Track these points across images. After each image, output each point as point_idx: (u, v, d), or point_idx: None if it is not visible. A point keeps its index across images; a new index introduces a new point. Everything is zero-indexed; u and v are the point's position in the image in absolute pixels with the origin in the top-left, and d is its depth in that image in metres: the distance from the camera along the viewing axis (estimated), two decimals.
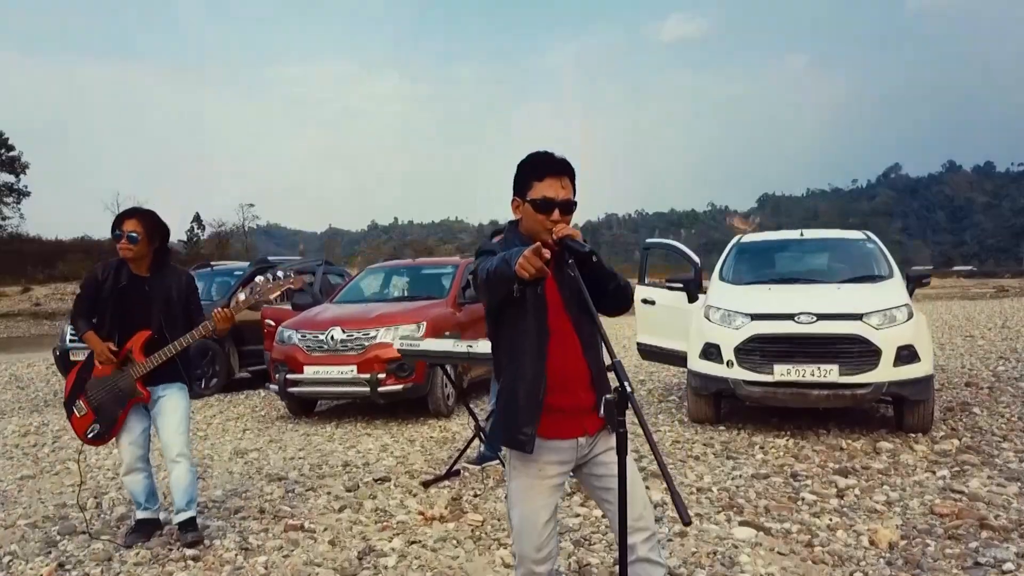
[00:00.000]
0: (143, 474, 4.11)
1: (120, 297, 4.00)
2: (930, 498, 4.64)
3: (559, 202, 2.40)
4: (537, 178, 2.44)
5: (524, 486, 2.53)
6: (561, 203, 2.41)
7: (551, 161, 2.47)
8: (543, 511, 2.50)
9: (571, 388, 2.46)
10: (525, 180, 2.46)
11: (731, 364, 6.39)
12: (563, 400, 2.47)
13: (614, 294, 2.49)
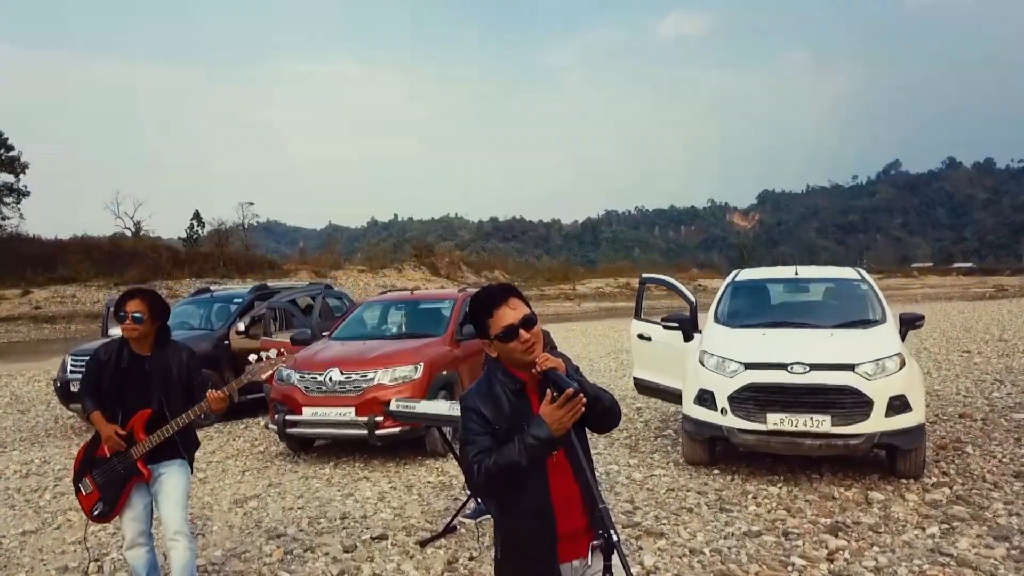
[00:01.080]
0: (145, 548, 4.18)
1: (122, 377, 4.07)
2: (919, 563, 4.71)
3: (518, 324, 2.46)
4: (489, 315, 2.50)
5: None
6: (521, 323, 2.46)
7: (492, 293, 2.55)
8: None
9: (567, 514, 2.51)
10: (482, 322, 2.52)
11: (725, 412, 6.47)
12: (561, 526, 2.53)
13: (601, 416, 2.55)
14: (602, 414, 2.53)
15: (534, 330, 2.48)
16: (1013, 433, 8.13)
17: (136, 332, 4.01)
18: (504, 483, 2.38)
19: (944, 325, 23.88)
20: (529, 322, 2.48)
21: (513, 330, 2.45)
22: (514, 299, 2.52)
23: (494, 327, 2.48)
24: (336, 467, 7.48)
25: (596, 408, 2.49)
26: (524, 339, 2.45)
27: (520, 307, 2.51)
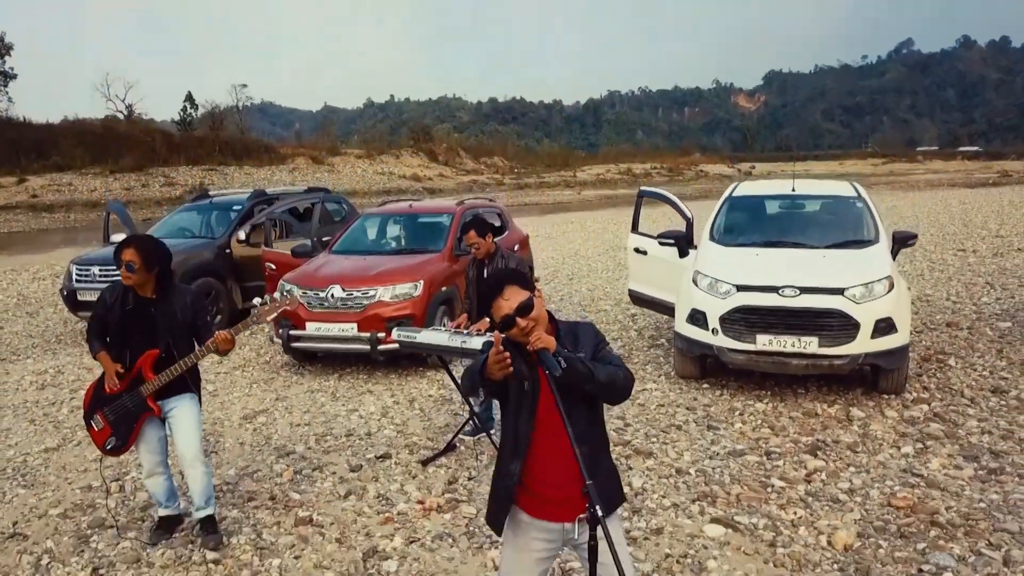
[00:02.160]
0: (163, 477, 4.45)
1: (128, 320, 4.21)
2: (891, 483, 5.02)
3: (512, 315, 2.60)
4: (489, 308, 2.68)
5: (511, 556, 2.86)
6: (515, 312, 2.59)
7: (491, 287, 2.69)
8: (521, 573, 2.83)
9: (559, 478, 2.71)
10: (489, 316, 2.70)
11: (716, 332, 6.67)
12: (551, 489, 2.74)
13: (598, 392, 2.66)
14: (596, 391, 2.64)
15: (532, 315, 2.61)
16: (996, 344, 8.38)
17: (131, 280, 4.13)
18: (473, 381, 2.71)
19: (943, 218, 23.94)
20: (522, 310, 2.60)
21: (509, 321, 2.59)
22: (509, 289, 2.64)
23: (495, 317, 2.64)
24: (340, 379, 7.76)
25: (587, 386, 2.60)
26: (520, 326, 2.59)
27: (515, 296, 2.62)
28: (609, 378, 2.63)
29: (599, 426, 2.82)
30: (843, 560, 4.11)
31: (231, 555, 4.27)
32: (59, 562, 4.25)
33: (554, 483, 2.72)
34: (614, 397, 2.73)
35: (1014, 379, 7.15)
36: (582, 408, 2.70)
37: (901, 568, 4.02)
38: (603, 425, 2.84)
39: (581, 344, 2.74)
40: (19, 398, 7.46)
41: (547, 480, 2.74)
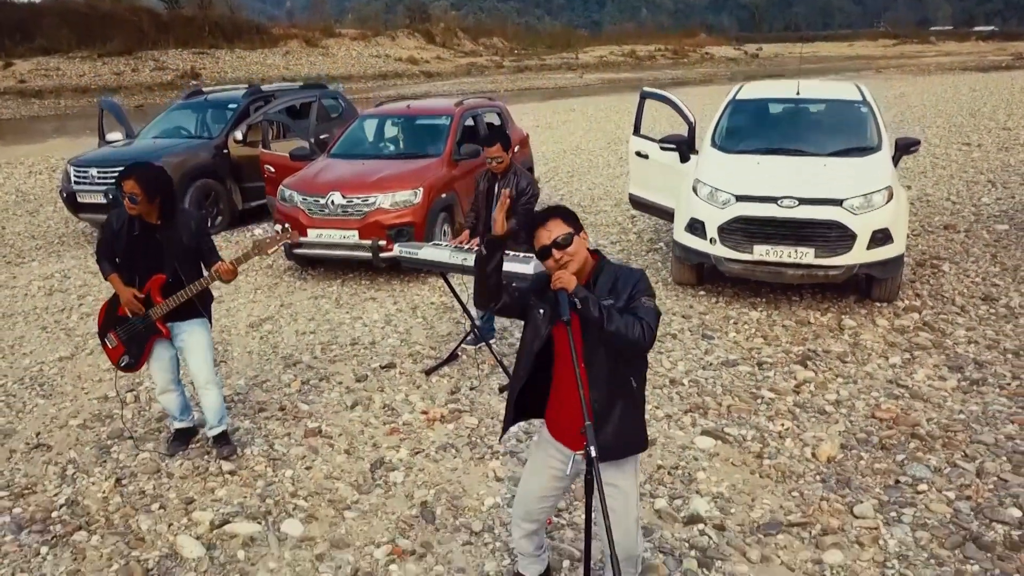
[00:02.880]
0: (175, 393, 4.63)
1: (135, 245, 4.27)
2: (876, 395, 5.22)
3: (548, 246, 2.72)
4: (533, 238, 2.79)
5: (533, 464, 3.12)
6: (552, 245, 2.71)
7: (535, 218, 2.82)
8: (539, 490, 3.07)
9: (568, 411, 2.85)
10: (531, 244, 2.82)
11: (714, 241, 6.73)
12: (561, 418, 2.92)
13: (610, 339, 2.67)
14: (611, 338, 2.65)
15: (568, 250, 2.71)
16: (991, 248, 8.46)
17: (136, 211, 4.15)
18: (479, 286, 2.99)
19: (951, 107, 23.50)
20: (559, 244, 2.70)
21: (546, 251, 2.72)
22: (552, 221, 2.75)
23: (536, 248, 2.78)
24: (343, 285, 7.89)
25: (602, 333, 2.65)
26: (556, 257, 2.72)
27: (556, 229, 2.72)
28: (618, 329, 2.61)
29: (623, 373, 2.83)
30: (825, 472, 4.34)
31: (246, 466, 4.50)
32: (83, 472, 4.49)
33: (567, 415, 2.87)
34: (625, 347, 2.70)
35: (1005, 286, 7.27)
36: (604, 352, 2.77)
37: (879, 479, 4.25)
38: (631, 373, 2.84)
39: (619, 290, 2.76)
40: (29, 304, 7.61)
41: (561, 411, 2.91)
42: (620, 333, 2.63)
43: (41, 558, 3.73)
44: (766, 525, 3.87)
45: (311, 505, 4.12)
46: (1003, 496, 4.07)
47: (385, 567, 3.62)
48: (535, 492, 3.07)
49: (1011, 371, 5.54)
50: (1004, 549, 3.67)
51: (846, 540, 3.75)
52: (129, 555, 3.74)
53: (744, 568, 3.57)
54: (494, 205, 5.58)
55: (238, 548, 3.77)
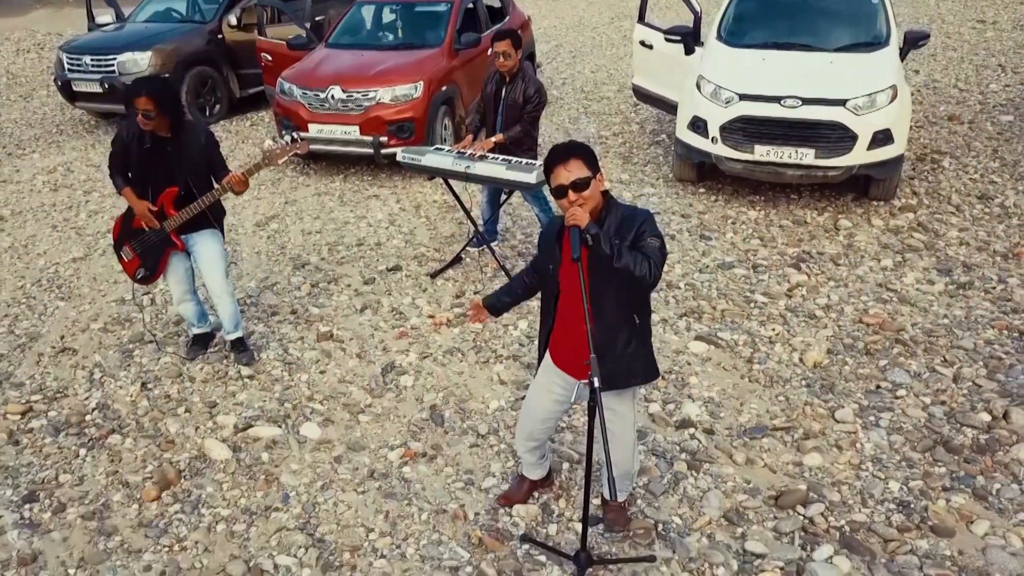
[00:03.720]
0: (192, 302, 4.82)
1: (146, 158, 4.33)
2: (866, 299, 5.42)
3: (567, 186, 2.80)
4: (551, 171, 2.86)
5: (536, 389, 3.33)
6: (569, 185, 2.80)
7: (556, 153, 2.87)
8: (541, 413, 3.32)
9: (573, 343, 3.04)
10: (547, 175, 2.90)
11: (715, 140, 6.76)
12: (566, 349, 3.11)
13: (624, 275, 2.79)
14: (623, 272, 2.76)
15: (584, 192, 2.80)
16: (994, 141, 8.46)
17: (150, 126, 4.19)
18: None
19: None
20: (577, 186, 2.79)
21: (562, 190, 2.80)
22: (573, 161, 2.81)
23: (552, 182, 2.85)
24: (346, 180, 7.94)
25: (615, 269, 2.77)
26: (571, 199, 2.80)
27: (576, 170, 2.79)
28: (627, 265, 2.73)
29: (627, 308, 2.99)
30: (811, 377, 4.60)
31: (263, 370, 4.76)
32: (110, 376, 4.75)
33: (572, 347, 3.06)
34: (635, 283, 2.82)
35: (1002, 183, 7.34)
36: (610, 288, 2.92)
37: (862, 384, 4.52)
38: (634, 309, 3.01)
39: (625, 229, 2.86)
40: (36, 200, 7.69)
41: (567, 343, 3.09)
42: (628, 270, 2.76)
43: (80, 460, 4.04)
44: (752, 429, 4.15)
45: (327, 409, 4.40)
46: (975, 401, 4.34)
47: (399, 468, 3.93)
48: (537, 415, 3.31)
49: (998, 274, 5.72)
50: (971, 452, 3.96)
51: (826, 444, 4.05)
52: (161, 457, 4.04)
53: (730, 470, 3.88)
54: (501, 110, 5.58)
55: (262, 451, 4.07)
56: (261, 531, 3.55)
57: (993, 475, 3.81)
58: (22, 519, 3.64)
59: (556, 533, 3.51)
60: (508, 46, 5.35)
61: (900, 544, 3.39)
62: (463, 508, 3.65)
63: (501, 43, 5.36)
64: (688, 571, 3.28)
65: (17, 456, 4.08)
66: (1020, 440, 4.03)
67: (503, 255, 6.17)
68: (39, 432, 4.25)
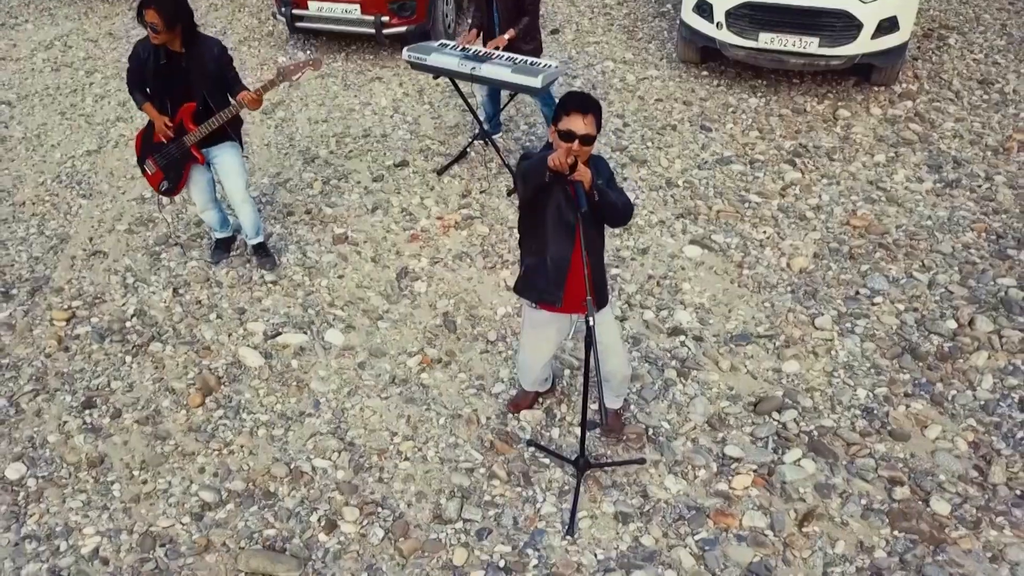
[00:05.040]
0: (214, 210, 5.06)
1: (162, 73, 4.43)
2: (855, 199, 5.66)
3: (579, 135, 3.01)
4: (566, 113, 3.03)
5: (529, 340, 3.67)
6: (580, 136, 3.01)
7: (578, 100, 3.04)
8: (542, 358, 3.71)
9: (563, 279, 3.36)
10: (559, 114, 3.06)
11: (720, 26, 6.72)
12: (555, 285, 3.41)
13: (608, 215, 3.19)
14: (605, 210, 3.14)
15: (586, 148, 3.02)
16: (1004, 14, 8.36)
17: (158, 39, 4.26)
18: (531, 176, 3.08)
19: None
20: (586, 139, 3.00)
21: (572, 136, 2.99)
22: (591, 116, 3.01)
23: (563, 124, 3.01)
24: (348, 60, 7.90)
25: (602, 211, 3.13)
26: (574, 149, 3.00)
27: (589, 125, 3.00)
28: (625, 209, 3.17)
29: (601, 236, 3.38)
30: (796, 283, 4.94)
31: (284, 275, 5.08)
32: (142, 281, 5.08)
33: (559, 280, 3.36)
34: (620, 223, 3.25)
35: (1006, 65, 7.36)
36: (595, 223, 3.25)
37: (842, 290, 4.87)
38: (600, 235, 3.38)
39: (599, 173, 3.16)
40: (39, 83, 7.69)
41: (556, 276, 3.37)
42: (625, 214, 3.18)
43: (127, 367, 4.45)
44: (738, 336, 4.55)
45: (348, 315, 4.77)
46: (945, 308, 4.71)
47: (417, 375, 4.35)
48: (539, 362, 3.69)
49: (985, 171, 5.93)
50: (934, 359, 4.38)
51: (804, 351, 4.45)
52: (200, 363, 4.45)
53: (715, 377, 4.31)
54: (496, 8, 5.55)
55: (291, 357, 4.48)
56: (297, 435, 4.01)
57: (951, 382, 4.24)
58: (85, 424, 4.10)
59: (559, 436, 3.98)
60: None
61: (861, 448, 3.87)
62: (476, 413, 4.11)
63: None
64: (673, 473, 3.78)
65: (69, 362, 4.49)
66: (980, 348, 4.44)
67: (507, 148, 6.34)
68: (85, 339, 4.64)
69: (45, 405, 4.22)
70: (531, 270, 3.43)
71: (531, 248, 3.40)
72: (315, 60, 4.52)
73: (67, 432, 4.06)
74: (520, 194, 3.28)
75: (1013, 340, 4.46)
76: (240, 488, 3.74)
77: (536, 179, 3.07)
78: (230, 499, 3.70)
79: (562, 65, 7.21)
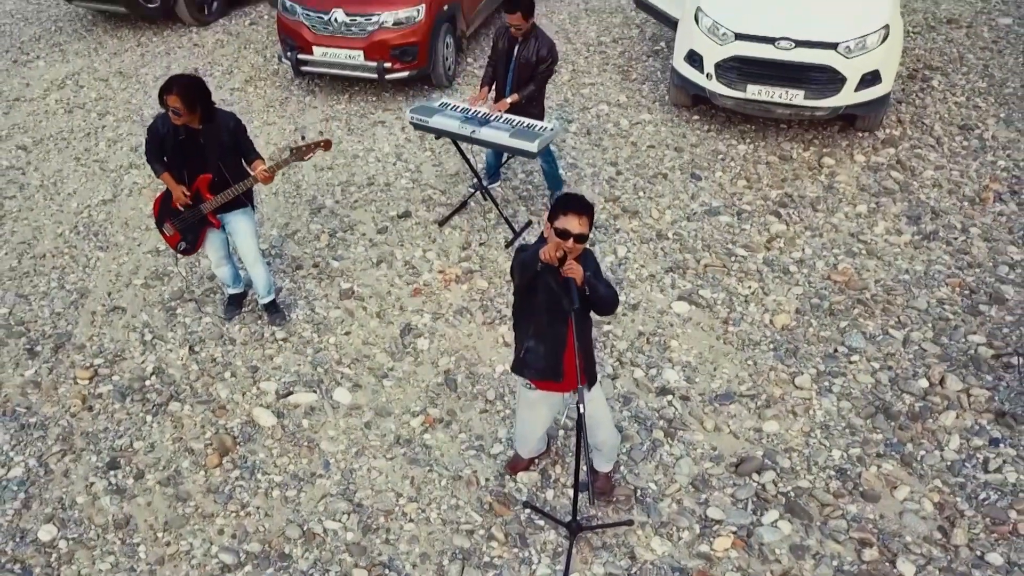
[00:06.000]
0: (227, 266, 5.34)
1: (181, 147, 4.71)
2: (837, 252, 5.95)
3: (574, 234, 3.27)
4: (563, 213, 3.28)
5: (525, 416, 3.97)
6: (575, 235, 3.27)
7: (575, 202, 3.30)
8: (535, 431, 4.03)
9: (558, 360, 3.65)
10: (555, 212, 3.31)
11: (710, 77, 7.00)
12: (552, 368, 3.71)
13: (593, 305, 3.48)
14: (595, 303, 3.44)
15: (579, 245, 3.29)
16: (987, 53, 8.62)
17: (180, 121, 4.55)
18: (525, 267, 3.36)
19: None
20: (579, 238, 3.27)
21: (567, 235, 3.26)
22: (586, 217, 3.27)
23: (559, 222, 3.26)
24: (351, 102, 8.16)
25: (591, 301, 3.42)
26: (567, 247, 3.27)
27: (584, 225, 3.26)
28: (613, 300, 3.45)
29: (590, 320, 3.67)
30: (778, 340, 5.22)
31: (294, 332, 5.37)
32: (159, 338, 5.36)
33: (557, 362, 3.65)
34: (608, 313, 3.51)
35: (986, 108, 7.64)
36: (583, 314, 3.53)
37: (822, 348, 5.16)
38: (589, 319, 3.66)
39: (587, 265, 3.42)
40: (53, 126, 7.96)
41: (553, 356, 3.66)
42: (613, 304, 3.46)
43: (148, 426, 4.74)
44: (722, 396, 4.84)
45: (355, 373, 5.05)
46: (918, 365, 5.00)
47: (420, 435, 4.64)
48: (534, 436, 4.03)
49: (962, 222, 6.22)
50: (905, 419, 4.67)
51: (784, 410, 4.75)
52: (217, 423, 4.74)
53: (700, 437, 4.60)
54: (512, 68, 5.81)
55: (302, 417, 4.77)
56: (309, 496, 4.31)
57: (921, 442, 4.54)
58: (110, 485, 4.39)
59: (553, 498, 4.27)
60: (520, 19, 5.53)
61: (834, 509, 4.17)
62: (475, 474, 4.40)
63: (512, 16, 5.53)
64: (659, 534, 4.07)
65: (93, 421, 4.78)
66: (949, 407, 4.73)
67: (504, 197, 6.62)
68: (107, 397, 4.93)
69: (72, 465, 4.51)
70: (528, 351, 3.71)
71: (527, 331, 3.69)
72: (326, 141, 4.81)
73: (94, 493, 4.35)
74: (515, 282, 3.57)
75: (980, 399, 4.75)
76: (257, 550, 4.04)
77: (530, 270, 3.36)
78: (248, 561, 4.00)
79: (559, 125, 7.44)
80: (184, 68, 8.92)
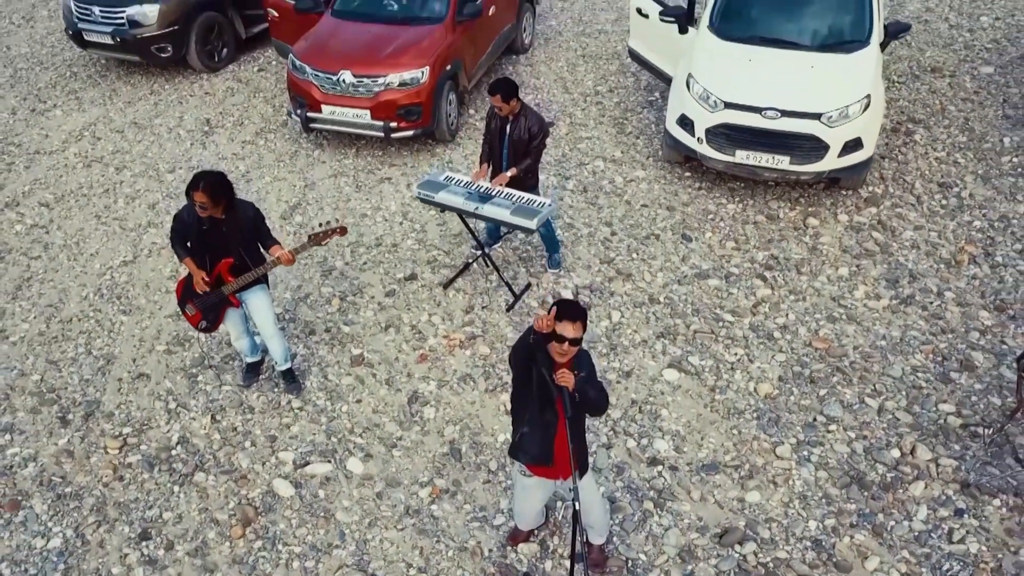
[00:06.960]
0: (246, 338, 5.70)
1: (205, 236, 5.08)
2: (818, 317, 6.31)
3: (568, 339, 3.62)
4: (559, 319, 3.62)
5: (521, 496, 4.33)
6: (569, 339, 3.62)
7: (570, 309, 3.63)
8: (532, 509, 4.40)
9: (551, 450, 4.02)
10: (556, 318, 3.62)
11: (701, 141, 7.36)
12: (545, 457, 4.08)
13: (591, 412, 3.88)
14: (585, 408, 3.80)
15: (573, 348, 3.63)
16: (969, 104, 8.97)
17: (206, 213, 4.91)
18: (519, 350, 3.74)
19: None
20: (573, 342, 3.61)
21: (562, 339, 3.60)
22: (581, 324, 3.60)
23: (557, 327, 3.59)
24: (358, 156, 8.52)
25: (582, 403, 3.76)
26: (561, 351, 3.62)
27: (577, 331, 3.59)
28: (604, 402, 3.81)
29: (582, 419, 4.01)
30: (762, 408, 5.59)
31: (309, 400, 5.74)
32: (183, 407, 5.73)
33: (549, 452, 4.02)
34: (599, 414, 3.91)
35: (965, 164, 8.00)
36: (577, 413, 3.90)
37: (802, 416, 5.53)
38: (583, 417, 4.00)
39: (582, 367, 3.78)
40: (73, 181, 8.31)
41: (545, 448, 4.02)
42: (601, 407, 3.82)
43: (176, 496, 5.11)
44: (708, 466, 5.21)
45: (366, 443, 5.42)
46: (891, 435, 5.37)
47: (428, 506, 5.01)
48: (531, 513, 4.40)
49: (938, 285, 6.58)
50: (878, 489, 5.04)
51: (765, 480, 5.12)
52: (239, 493, 5.11)
53: (687, 507, 4.97)
54: (506, 145, 6.19)
55: (318, 487, 5.14)
56: (327, 567, 4.68)
57: (891, 512, 4.91)
58: (143, 556, 4.76)
59: (551, 569, 4.64)
60: (499, 101, 5.92)
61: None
62: (479, 545, 4.77)
63: (493, 98, 5.93)
64: None
65: (124, 491, 5.15)
66: (919, 476, 5.10)
67: (505, 258, 6.98)
68: (136, 467, 5.30)
69: (107, 536, 4.88)
70: (523, 436, 4.07)
71: (523, 418, 4.05)
72: (342, 228, 5.18)
73: (128, 564, 4.72)
74: (512, 370, 3.94)
75: (947, 469, 5.13)
76: None
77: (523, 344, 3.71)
78: None
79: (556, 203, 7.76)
80: (197, 119, 9.28)
